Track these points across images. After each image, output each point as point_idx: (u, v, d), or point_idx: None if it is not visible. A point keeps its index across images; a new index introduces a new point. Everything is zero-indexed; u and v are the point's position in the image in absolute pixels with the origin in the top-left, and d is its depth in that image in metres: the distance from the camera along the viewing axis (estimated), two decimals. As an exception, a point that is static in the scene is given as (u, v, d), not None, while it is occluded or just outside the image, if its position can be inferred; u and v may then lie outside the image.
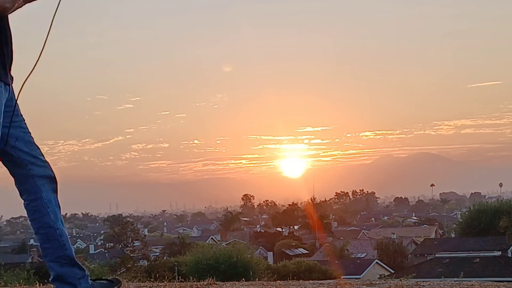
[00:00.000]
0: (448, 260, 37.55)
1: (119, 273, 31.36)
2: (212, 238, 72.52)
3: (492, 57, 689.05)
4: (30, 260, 47.11)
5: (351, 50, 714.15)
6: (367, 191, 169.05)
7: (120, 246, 54.80)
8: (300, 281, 5.39)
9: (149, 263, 41.50)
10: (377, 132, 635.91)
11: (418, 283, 4.79)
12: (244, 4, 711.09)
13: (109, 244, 61.41)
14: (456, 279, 5.49)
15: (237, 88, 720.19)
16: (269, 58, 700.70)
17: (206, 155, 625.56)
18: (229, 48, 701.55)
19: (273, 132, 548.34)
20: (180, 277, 7.08)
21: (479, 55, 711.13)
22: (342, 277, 28.58)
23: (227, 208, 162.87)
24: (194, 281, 5.53)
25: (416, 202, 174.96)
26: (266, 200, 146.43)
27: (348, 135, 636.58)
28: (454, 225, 68.69)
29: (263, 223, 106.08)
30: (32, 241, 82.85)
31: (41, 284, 5.30)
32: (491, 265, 35.41)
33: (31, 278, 20.62)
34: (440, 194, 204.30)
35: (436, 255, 41.25)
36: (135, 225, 64.76)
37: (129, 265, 42.03)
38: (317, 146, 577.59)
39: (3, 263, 34.83)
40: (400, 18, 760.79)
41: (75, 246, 69.67)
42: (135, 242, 55.62)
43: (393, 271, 40.52)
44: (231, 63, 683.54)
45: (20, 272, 25.54)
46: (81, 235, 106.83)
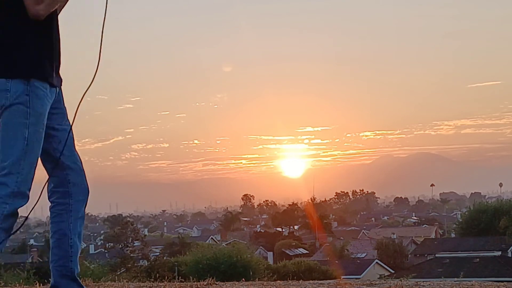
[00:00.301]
0: (448, 260, 37.53)
1: (119, 273, 31.33)
2: (212, 238, 72.49)
3: (492, 57, 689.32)
4: (30, 260, 47.05)
5: (351, 50, 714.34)
6: (367, 191, 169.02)
7: (120, 246, 54.75)
8: (300, 281, 5.39)
9: (149, 263, 41.45)
10: (377, 132, 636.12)
11: (418, 283, 4.78)
12: (244, 4, 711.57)
13: (109, 244, 61.37)
14: (456, 279, 5.49)
15: (237, 88, 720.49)
16: (269, 58, 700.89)
17: (206, 155, 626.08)
18: (229, 48, 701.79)
19: (273, 132, 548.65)
20: (180, 277, 7.09)
21: (479, 55, 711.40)
22: (342, 277, 28.55)
23: (227, 208, 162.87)
24: (194, 281, 5.53)
25: (416, 202, 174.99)
26: (266, 200, 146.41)
27: (348, 135, 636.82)
28: (454, 225, 68.65)
29: (263, 223, 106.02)
30: (32, 241, 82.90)
31: (41, 284, 5.29)
32: (491, 265, 35.39)
33: (31, 278, 20.59)
34: (440, 194, 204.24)
35: (436, 255, 41.25)
36: (135, 225, 64.70)
37: (129, 265, 42.00)
38: (317, 146, 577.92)
39: (3, 263, 34.74)
40: (400, 18, 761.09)
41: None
42: (135, 242, 55.58)
43: (393, 271, 40.51)
44: (231, 63, 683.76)
45: (20, 272, 25.49)
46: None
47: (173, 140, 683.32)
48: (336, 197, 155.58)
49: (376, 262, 45.18)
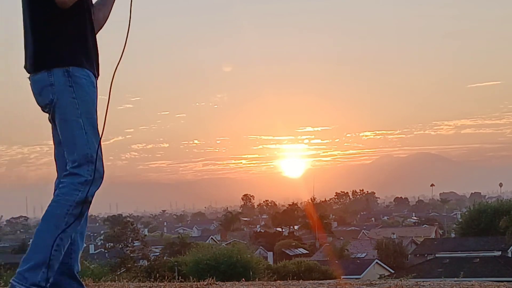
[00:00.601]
0: (448, 260, 37.55)
1: (119, 273, 31.31)
2: (212, 238, 72.46)
3: (492, 57, 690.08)
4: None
5: (351, 50, 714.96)
6: (367, 191, 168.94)
7: (120, 246, 54.81)
8: (300, 281, 5.38)
9: (149, 263, 41.47)
10: (377, 132, 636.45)
11: (418, 283, 4.78)
12: (245, 4, 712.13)
13: (109, 244, 61.35)
14: (456, 279, 5.48)
15: (237, 88, 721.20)
16: (269, 58, 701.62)
17: (206, 155, 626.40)
18: (229, 48, 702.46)
19: (273, 132, 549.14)
20: (180, 277, 7.09)
21: (479, 55, 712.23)
22: (342, 277, 28.57)
23: (227, 208, 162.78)
24: (194, 281, 5.52)
25: (416, 202, 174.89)
26: (266, 200, 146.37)
27: (348, 135, 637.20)
28: (454, 225, 68.68)
29: (263, 223, 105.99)
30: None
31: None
32: (491, 265, 35.41)
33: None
34: (440, 194, 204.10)
35: (436, 255, 41.28)
36: (135, 225, 64.75)
37: (129, 265, 41.95)
38: (317, 146, 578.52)
39: (3, 263, 34.76)
40: (400, 18, 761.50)
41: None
42: (135, 242, 55.64)
43: (393, 271, 40.50)
44: (231, 63, 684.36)
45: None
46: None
47: (173, 140, 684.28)
48: (336, 197, 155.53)
49: (376, 262, 45.17)
